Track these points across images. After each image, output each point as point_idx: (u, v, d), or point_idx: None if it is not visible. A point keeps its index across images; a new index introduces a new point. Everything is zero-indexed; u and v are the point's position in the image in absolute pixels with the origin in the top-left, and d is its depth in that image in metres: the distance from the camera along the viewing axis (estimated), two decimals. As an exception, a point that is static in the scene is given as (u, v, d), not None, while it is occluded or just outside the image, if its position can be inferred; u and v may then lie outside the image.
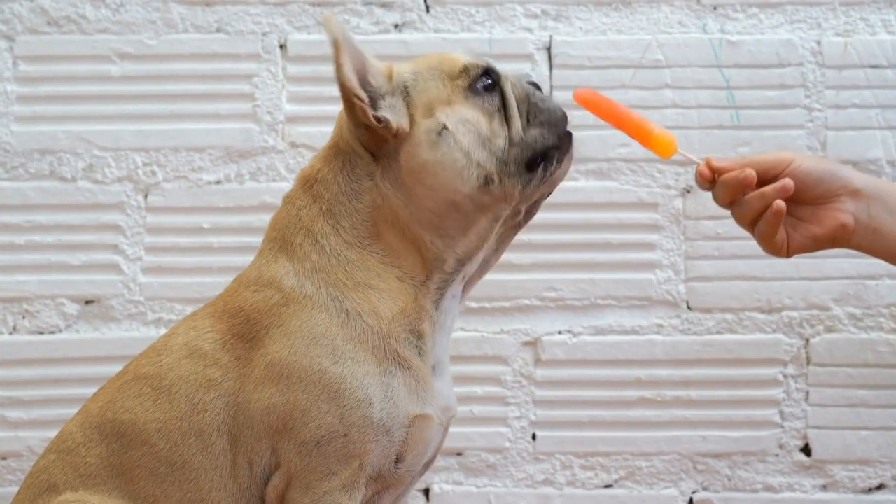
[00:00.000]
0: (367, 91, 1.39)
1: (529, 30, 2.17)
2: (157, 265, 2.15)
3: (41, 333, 2.13)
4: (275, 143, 2.15)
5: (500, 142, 1.40)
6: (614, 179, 2.15)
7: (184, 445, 1.38)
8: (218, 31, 2.17)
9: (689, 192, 2.14)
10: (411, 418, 1.38)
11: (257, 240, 2.10)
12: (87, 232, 2.15)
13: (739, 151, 2.12)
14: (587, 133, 2.10)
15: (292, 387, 1.35)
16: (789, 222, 1.51)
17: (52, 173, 2.15)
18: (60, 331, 2.13)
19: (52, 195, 2.15)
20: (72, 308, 2.14)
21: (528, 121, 1.43)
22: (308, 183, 1.46)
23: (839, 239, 1.51)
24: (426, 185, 1.39)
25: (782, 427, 2.12)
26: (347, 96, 1.39)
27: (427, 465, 1.48)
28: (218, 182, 2.15)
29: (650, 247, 2.15)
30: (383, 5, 2.17)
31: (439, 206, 1.39)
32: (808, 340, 2.13)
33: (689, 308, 2.14)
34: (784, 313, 2.13)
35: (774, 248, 1.51)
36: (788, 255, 1.52)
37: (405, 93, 1.42)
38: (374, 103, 1.40)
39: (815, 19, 2.16)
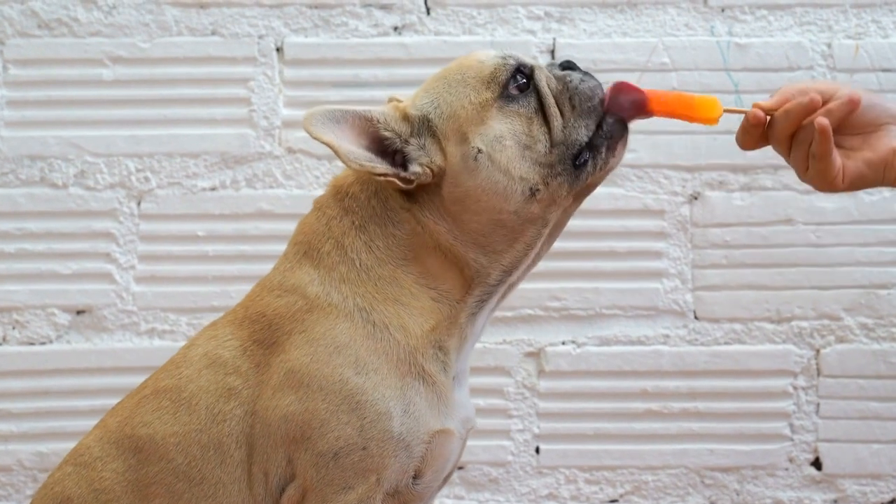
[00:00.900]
0: (385, 145, 1.38)
1: (532, 32, 2.17)
2: (151, 274, 2.15)
3: (31, 344, 2.13)
4: (271, 148, 2.15)
5: (541, 146, 1.37)
6: (620, 186, 2.15)
7: (203, 459, 1.38)
8: (213, 33, 2.17)
9: (696, 198, 2.14)
10: (432, 434, 1.38)
11: (254, 248, 2.12)
12: (78, 240, 2.15)
13: (748, 156, 2.11)
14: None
15: (312, 395, 1.35)
16: (841, 154, 1.48)
17: (42, 180, 2.15)
18: (51, 341, 2.13)
19: (43, 202, 2.15)
20: (63, 318, 2.14)
21: (572, 108, 1.38)
22: (339, 194, 1.44)
23: (890, 166, 1.49)
24: (471, 212, 1.38)
25: (792, 440, 2.12)
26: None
27: (445, 480, 1.48)
28: (213, 189, 2.15)
29: (656, 255, 2.15)
30: (382, 7, 2.17)
31: (485, 227, 1.38)
32: (818, 351, 2.13)
33: (696, 318, 2.14)
34: (794, 323, 2.13)
35: (829, 177, 1.47)
36: (843, 184, 1.49)
37: (429, 125, 1.39)
38: (402, 156, 1.38)
39: (825, 21, 2.16)
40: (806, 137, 1.46)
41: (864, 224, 2.12)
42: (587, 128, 1.38)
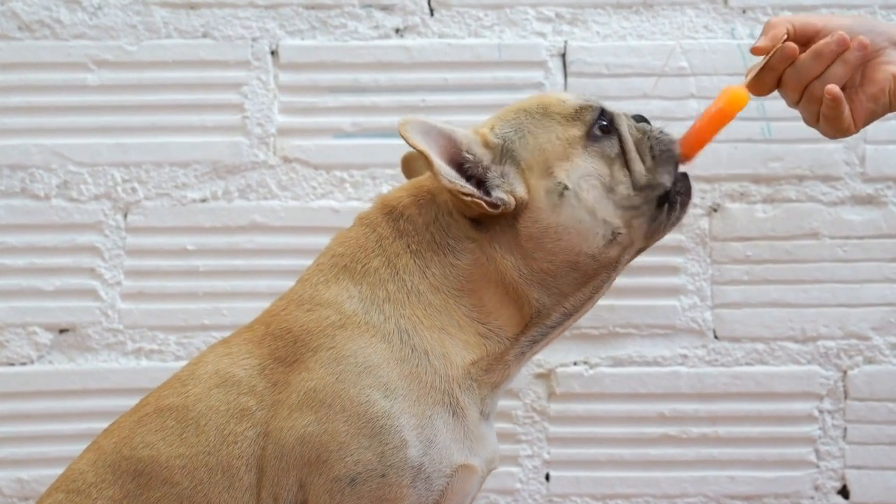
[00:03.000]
0: (466, 169, 1.40)
1: (542, 35, 2.16)
2: (138, 290, 2.14)
3: (12, 365, 2.13)
4: (266, 157, 2.15)
5: (624, 189, 1.42)
6: (635, 197, 2.13)
7: (210, 483, 1.37)
8: (204, 36, 2.17)
9: (716, 210, 2.13)
10: (454, 468, 1.38)
11: (247, 263, 2.12)
12: (61, 254, 2.14)
13: (770, 167, 2.12)
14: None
15: (334, 416, 1.34)
16: (846, 96, 1.54)
17: (23, 191, 2.14)
18: (32, 362, 2.13)
19: (23, 214, 2.14)
20: (45, 337, 2.13)
21: (652, 157, 1.45)
22: (392, 215, 1.46)
23: (894, 94, 1.54)
24: (546, 250, 1.40)
25: (818, 467, 2.12)
26: (455, 194, 1.39)
27: None
28: (204, 200, 2.15)
29: (674, 270, 2.14)
30: (383, 8, 2.16)
31: (558, 268, 1.41)
32: (845, 372, 2.12)
33: (716, 337, 2.14)
34: (819, 343, 2.13)
35: (842, 128, 1.55)
36: (857, 127, 1.56)
37: (512, 154, 1.42)
38: (478, 181, 1.40)
39: (852, 23, 2.15)
40: (816, 95, 1.52)
41: (894, 238, 2.11)
42: (669, 174, 1.45)
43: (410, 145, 1.35)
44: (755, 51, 1.53)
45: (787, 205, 2.13)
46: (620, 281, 2.09)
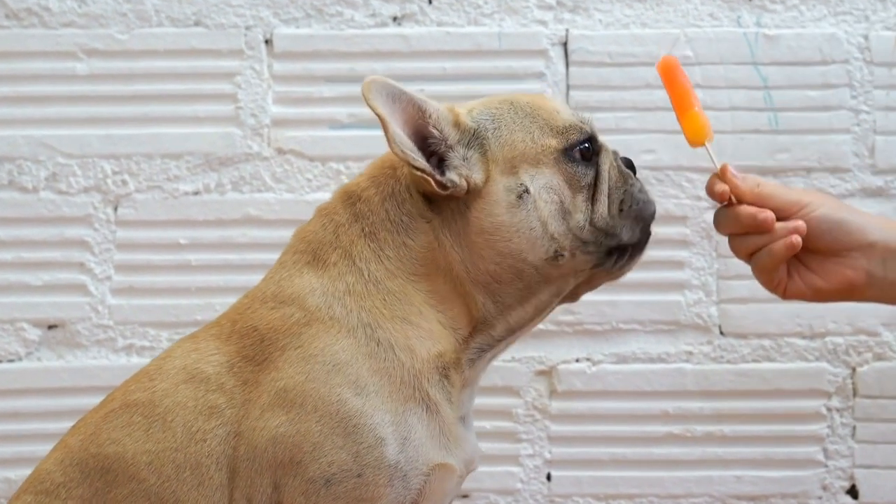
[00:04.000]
0: (429, 144, 1.40)
1: (543, 23, 2.16)
2: (129, 285, 2.13)
3: (-1, 362, 2.13)
4: (259, 149, 2.14)
5: (580, 217, 1.42)
6: (638, 190, 2.12)
7: (177, 480, 1.36)
8: (196, 24, 2.17)
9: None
10: (432, 466, 1.38)
11: (240, 257, 2.11)
12: (49, 248, 2.13)
13: (778, 158, 2.12)
14: (608, 138, 2.06)
15: (306, 416, 1.34)
16: (792, 264, 1.54)
17: (10, 183, 2.14)
18: (20, 359, 2.12)
19: (11, 207, 2.13)
20: (33, 333, 2.12)
21: (619, 210, 1.45)
22: (350, 199, 1.46)
23: (847, 294, 1.54)
24: (495, 250, 1.41)
25: (826, 466, 2.11)
26: (407, 165, 1.40)
27: None
28: (196, 192, 2.14)
29: (678, 265, 2.14)
30: (381, -5, 2.16)
31: (503, 271, 1.41)
32: (854, 369, 2.12)
33: (721, 333, 2.13)
34: (828, 339, 2.12)
35: (771, 284, 1.54)
36: (784, 297, 1.55)
37: (481, 141, 1.42)
38: (440, 159, 1.40)
39: (861, 11, 2.16)
40: (745, 241, 1.51)
41: (905, 231, 2.10)
42: (632, 233, 1.45)
43: (370, 107, 1.35)
44: (722, 170, 1.52)
45: (795, 197, 2.12)
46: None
